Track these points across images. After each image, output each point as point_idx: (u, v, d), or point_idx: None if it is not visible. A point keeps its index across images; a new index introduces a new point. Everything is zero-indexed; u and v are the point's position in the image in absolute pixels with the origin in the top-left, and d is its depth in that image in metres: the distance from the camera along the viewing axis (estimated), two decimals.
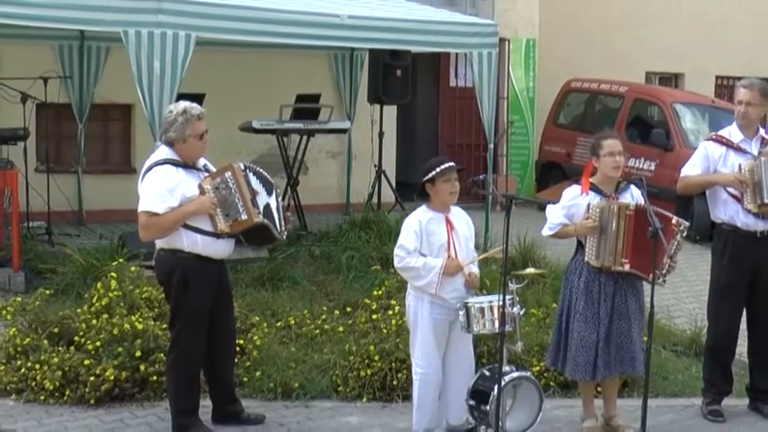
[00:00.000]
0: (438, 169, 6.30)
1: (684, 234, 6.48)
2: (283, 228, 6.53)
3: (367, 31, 9.89)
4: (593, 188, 6.55)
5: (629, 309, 6.47)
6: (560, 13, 16.81)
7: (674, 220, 6.43)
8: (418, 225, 6.29)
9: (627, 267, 6.37)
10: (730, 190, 6.98)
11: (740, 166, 6.94)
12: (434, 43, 10.87)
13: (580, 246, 6.58)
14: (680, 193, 7.60)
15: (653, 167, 13.49)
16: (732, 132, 7.13)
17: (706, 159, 7.11)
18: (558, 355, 6.66)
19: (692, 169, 7.16)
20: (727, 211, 7.05)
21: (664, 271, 6.45)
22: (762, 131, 7.16)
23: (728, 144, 7.08)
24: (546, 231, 6.64)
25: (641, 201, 6.40)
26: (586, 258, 6.46)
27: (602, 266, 6.41)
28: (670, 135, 13.84)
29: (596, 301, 6.46)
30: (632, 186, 6.58)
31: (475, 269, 6.46)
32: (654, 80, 18.65)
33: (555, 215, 6.59)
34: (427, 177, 6.32)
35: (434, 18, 10.73)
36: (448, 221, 6.38)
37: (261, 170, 6.51)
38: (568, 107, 16.17)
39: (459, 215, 6.49)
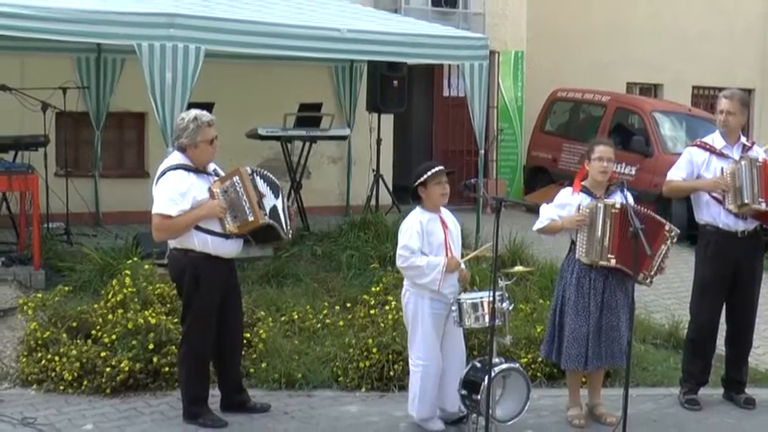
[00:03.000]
0: (429, 173, 6.33)
1: (675, 240, 6.53)
2: (289, 227, 6.54)
3: (366, 44, 9.88)
4: (584, 190, 6.60)
5: (617, 304, 6.50)
6: (547, 27, 16.82)
7: (667, 226, 6.49)
8: (419, 226, 6.31)
9: (613, 262, 6.40)
10: (713, 193, 7.01)
11: (722, 169, 6.96)
12: (429, 55, 10.87)
13: (573, 244, 6.61)
14: (666, 195, 7.64)
15: (633, 172, 13.49)
16: (715, 139, 7.16)
17: (690, 164, 7.13)
18: (551, 347, 6.70)
19: (677, 173, 7.19)
20: (709, 212, 7.07)
21: (652, 272, 6.50)
22: (743, 138, 7.19)
23: (711, 150, 7.10)
24: (536, 225, 6.70)
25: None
26: (577, 256, 6.51)
27: (592, 262, 6.45)
28: (650, 142, 13.86)
29: (587, 296, 6.49)
30: (620, 191, 6.59)
31: (463, 266, 6.49)
32: (634, 90, 18.66)
33: (547, 212, 6.64)
34: (419, 181, 6.35)
35: (429, 32, 10.72)
36: (443, 222, 6.41)
37: (267, 173, 6.53)
38: (554, 115, 16.18)
39: (448, 216, 6.53)
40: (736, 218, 6.97)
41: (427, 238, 6.31)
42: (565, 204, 6.61)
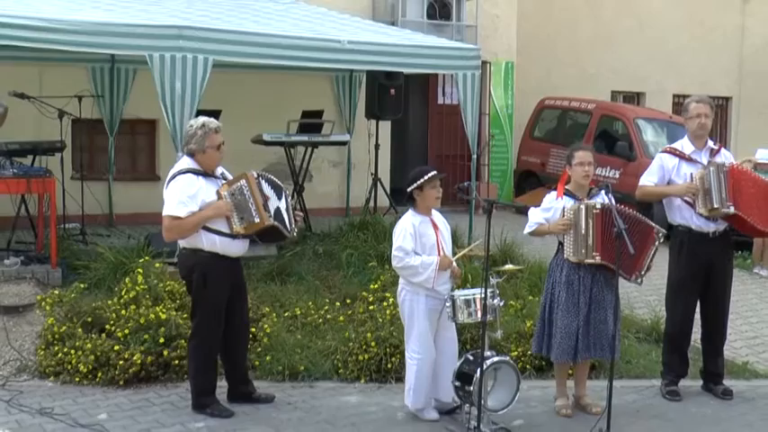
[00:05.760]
0: (426, 177, 6.34)
1: (662, 240, 6.54)
2: (293, 226, 6.55)
3: (364, 54, 9.87)
4: (568, 193, 6.60)
5: (605, 299, 6.50)
6: (535, 38, 16.83)
7: (655, 228, 6.50)
8: (412, 228, 6.32)
9: (598, 259, 6.41)
10: (685, 197, 7.00)
11: (691, 175, 6.96)
12: (424, 65, 10.86)
13: (560, 245, 6.61)
14: (638, 200, 7.63)
15: (617, 175, 13.50)
16: (684, 145, 7.15)
17: (661, 169, 7.13)
18: (542, 342, 6.70)
19: (649, 179, 7.18)
20: (682, 215, 7.07)
21: (643, 272, 6.51)
22: (710, 143, 7.18)
23: (681, 155, 7.10)
24: (526, 230, 6.70)
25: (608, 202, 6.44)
26: (565, 255, 6.51)
27: (579, 261, 6.45)
28: (633, 147, 13.86)
29: (576, 293, 6.49)
30: (602, 192, 6.60)
31: (455, 263, 6.49)
32: (618, 98, 18.65)
33: (535, 216, 6.64)
34: (416, 185, 6.35)
35: (424, 43, 10.72)
36: (434, 223, 6.41)
37: (272, 176, 6.53)
38: (543, 122, 16.18)
39: (438, 217, 6.53)
40: (707, 220, 6.97)
41: (420, 239, 6.32)
42: (550, 208, 6.61)
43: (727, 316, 7.34)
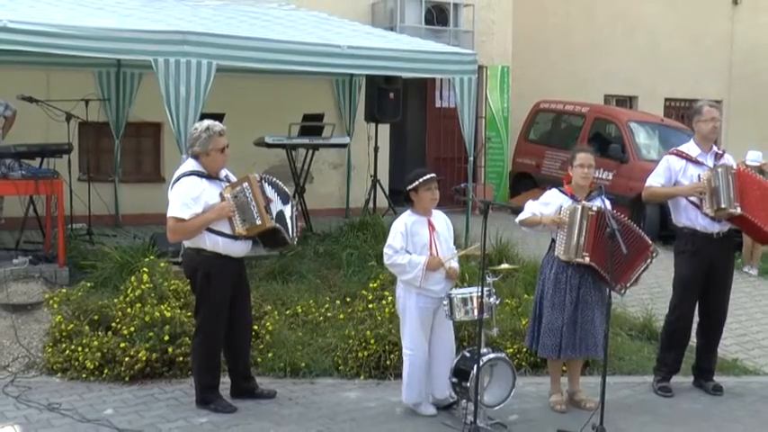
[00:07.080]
0: (420, 179, 6.33)
1: (654, 260, 6.53)
2: (296, 234, 6.54)
3: (364, 59, 9.89)
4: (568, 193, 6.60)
5: (592, 299, 6.49)
6: (531, 43, 16.85)
7: (652, 247, 6.50)
8: (404, 227, 6.33)
9: (587, 260, 6.40)
10: (691, 198, 7.01)
11: (699, 176, 6.96)
12: (422, 70, 10.86)
13: (553, 242, 6.61)
14: (645, 201, 7.62)
15: (610, 177, 13.50)
16: (690, 148, 7.16)
17: (668, 171, 7.13)
18: (532, 338, 6.71)
19: (656, 180, 7.18)
20: (687, 216, 7.06)
21: (628, 284, 6.51)
22: (715, 147, 7.20)
23: (688, 158, 7.11)
24: (518, 217, 6.67)
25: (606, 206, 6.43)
26: (556, 253, 6.51)
27: (569, 259, 6.45)
28: (625, 149, 13.86)
29: (563, 291, 6.48)
30: (602, 197, 6.57)
31: (454, 264, 6.47)
32: (611, 102, 18.67)
33: (531, 207, 6.63)
34: (411, 186, 6.35)
35: (422, 48, 10.73)
36: (430, 224, 6.40)
37: (277, 181, 6.52)
38: (537, 125, 16.18)
39: (439, 218, 6.52)
40: (711, 221, 6.97)
41: (411, 238, 6.31)
42: (548, 203, 6.62)
43: (726, 314, 7.32)
